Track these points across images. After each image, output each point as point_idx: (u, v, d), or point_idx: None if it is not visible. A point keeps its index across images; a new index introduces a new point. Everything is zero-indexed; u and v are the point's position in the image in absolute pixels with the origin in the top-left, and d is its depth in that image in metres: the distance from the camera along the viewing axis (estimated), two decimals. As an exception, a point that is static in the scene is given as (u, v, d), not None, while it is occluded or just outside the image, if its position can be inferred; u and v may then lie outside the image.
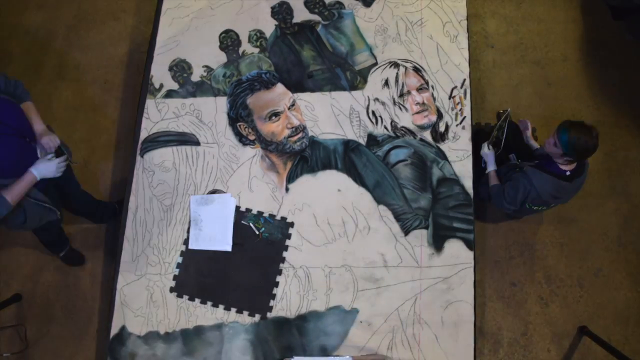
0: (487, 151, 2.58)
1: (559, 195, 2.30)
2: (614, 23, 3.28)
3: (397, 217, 2.47)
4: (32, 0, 3.38)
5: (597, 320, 2.75)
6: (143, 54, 3.05)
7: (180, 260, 2.46)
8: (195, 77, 2.72)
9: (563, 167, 2.26)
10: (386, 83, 2.66)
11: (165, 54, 2.75)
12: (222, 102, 2.67)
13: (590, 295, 2.79)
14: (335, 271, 2.43)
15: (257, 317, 2.39)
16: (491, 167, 2.54)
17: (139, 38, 3.26)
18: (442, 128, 2.62)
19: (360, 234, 2.46)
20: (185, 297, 2.41)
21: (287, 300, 2.41)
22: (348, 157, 2.55)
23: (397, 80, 2.66)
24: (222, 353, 2.35)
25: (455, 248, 2.44)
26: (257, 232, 2.43)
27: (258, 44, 2.75)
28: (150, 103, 2.68)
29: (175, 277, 2.44)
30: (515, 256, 2.84)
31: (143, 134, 2.64)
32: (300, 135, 2.58)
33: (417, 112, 2.61)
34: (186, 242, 2.48)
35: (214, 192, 2.54)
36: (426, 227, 2.46)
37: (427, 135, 2.59)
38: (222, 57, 2.74)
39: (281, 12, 2.80)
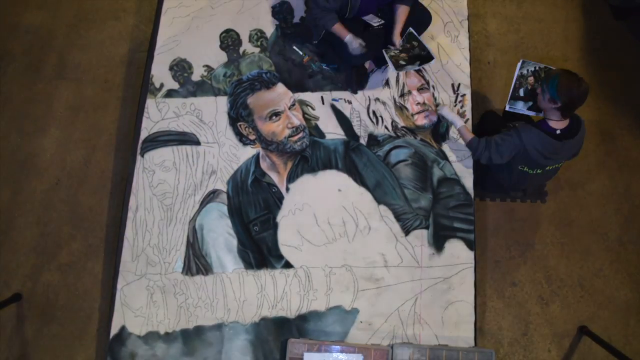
0: (446, 110, 2.51)
1: (548, 155, 2.23)
2: (615, 23, 3.27)
3: (398, 217, 2.47)
4: (32, 0, 3.38)
5: (598, 320, 2.75)
6: (143, 53, 3.04)
7: (181, 262, 2.47)
8: (196, 77, 2.72)
9: (553, 125, 2.21)
10: (387, 83, 2.66)
11: (166, 54, 2.75)
12: (223, 102, 2.67)
13: (590, 295, 2.79)
14: (335, 271, 2.43)
15: (258, 316, 2.39)
16: (459, 123, 2.44)
17: (140, 37, 3.25)
18: (442, 128, 2.62)
19: (360, 234, 2.46)
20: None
21: (288, 300, 2.41)
22: (348, 157, 2.55)
23: (397, 80, 2.65)
24: (222, 353, 2.36)
25: (455, 248, 2.44)
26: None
27: (259, 43, 2.75)
28: (150, 102, 2.68)
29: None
30: (515, 256, 2.84)
31: (143, 134, 2.64)
32: (300, 135, 2.58)
33: (418, 112, 2.61)
34: (187, 242, 2.48)
35: (213, 192, 2.54)
36: (427, 227, 2.46)
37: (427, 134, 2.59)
38: (223, 57, 2.74)
39: (282, 12, 2.80)
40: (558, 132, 2.21)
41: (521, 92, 2.43)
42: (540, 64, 2.43)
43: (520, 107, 2.45)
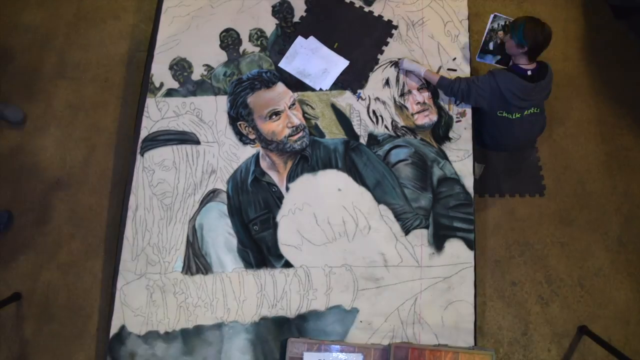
0: (407, 62, 2.62)
1: (521, 96, 2.40)
2: (615, 22, 3.27)
3: (398, 217, 2.47)
4: (32, -1, 3.38)
5: (598, 320, 2.75)
6: (143, 52, 3.05)
7: (181, 260, 2.47)
8: (196, 76, 2.71)
9: (524, 67, 2.41)
10: (387, 82, 2.66)
11: (166, 53, 2.74)
12: (223, 101, 2.67)
13: (590, 295, 2.79)
14: (335, 270, 2.43)
15: (257, 316, 2.39)
16: (422, 69, 2.58)
17: (140, 36, 3.25)
18: (442, 127, 2.61)
19: (360, 234, 2.46)
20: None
21: (287, 300, 2.40)
22: (348, 157, 2.55)
23: (397, 80, 2.65)
24: (221, 352, 2.35)
25: (455, 248, 2.44)
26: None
27: (259, 42, 2.75)
28: (150, 102, 2.68)
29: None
30: (515, 256, 2.84)
31: (143, 133, 2.63)
32: (300, 134, 2.58)
33: (418, 112, 2.61)
34: (187, 241, 2.48)
35: (213, 191, 2.54)
36: (426, 227, 2.46)
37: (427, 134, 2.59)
38: (223, 56, 2.74)
39: (282, 11, 2.79)
40: (529, 72, 2.40)
41: (491, 46, 2.61)
42: (510, 18, 2.58)
43: (490, 60, 2.64)
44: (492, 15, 2.58)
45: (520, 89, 2.37)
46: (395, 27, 2.72)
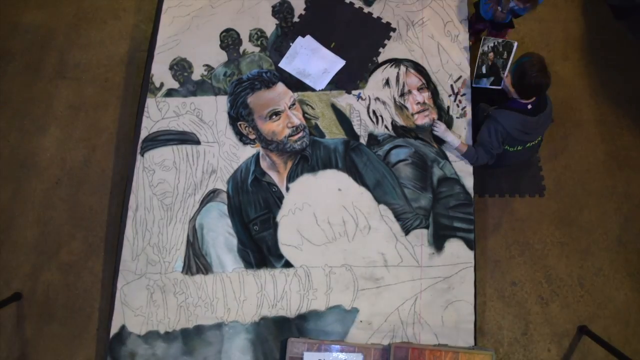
0: (442, 131, 2.52)
1: (527, 131, 2.37)
2: (615, 22, 3.27)
3: (398, 217, 2.47)
4: (32, -1, 3.38)
5: (597, 320, 2.75)
6: (144, 52, 3.05)
7: (181, 261, 2.47)
8: (196, 76, 2.72)
9: (524, 101, 2.35)
10: (387, 82, 2.66)
11: (166, 53, 2.75)
12: (223, 101, 2.67)
13: (590, 295, 2.79)
14: (335, 270, 2.43)
15: (257, 316, 2.39)
16: (456, 142, 2.49)
17: (140, 37, 3.25)
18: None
19: (360, 234, 2.46)
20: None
21: (287, 300, 2.41)
22: (348, 157, 2.55)
23: (397, 80, 2.65)
24: (222, 352, 2.36)
25: (455, 247, 2.44)
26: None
27: (259, 43, 2.75)
28: (150, 102, 2.68)
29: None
30: (515, 256, 2.84)
31: (143, 133, 2.64)
32: (300, 134, 2.58)
33: (418, 112, 2.61)
34: (187, 241, 2.48)
35: (213, 191, 2.54)
36: (426, 227, 2.46)
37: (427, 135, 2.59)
38: (223, 56, 2.74)
39: (282, 11, 2.80)
40: (529, 107, 2.35)
41: (483, 69, 2.57)
42: (498, 39, 2.53)
43: (484, 83, 2.59)
44: (482, 39, 2.56)
45: (524, 123, 2.33)
46: (394, 30, 2.73)
